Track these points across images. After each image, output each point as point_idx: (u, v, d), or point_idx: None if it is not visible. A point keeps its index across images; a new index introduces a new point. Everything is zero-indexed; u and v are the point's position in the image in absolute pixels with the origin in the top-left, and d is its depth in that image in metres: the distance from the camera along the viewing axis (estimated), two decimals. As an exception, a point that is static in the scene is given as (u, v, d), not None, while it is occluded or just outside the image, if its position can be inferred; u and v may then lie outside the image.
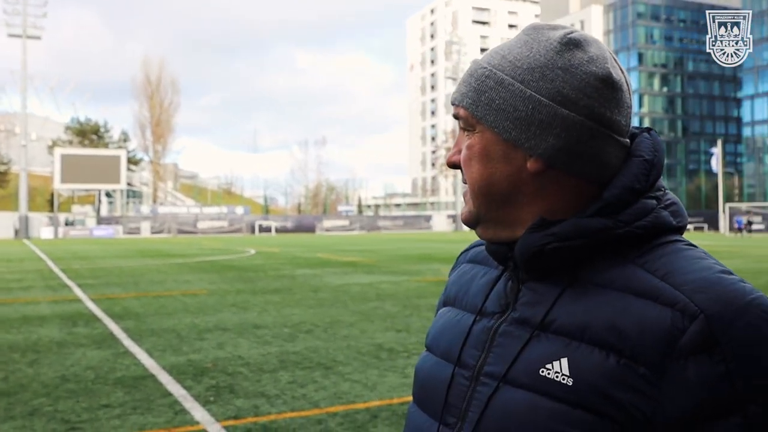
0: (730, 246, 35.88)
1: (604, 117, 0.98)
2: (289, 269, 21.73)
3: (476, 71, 1.03)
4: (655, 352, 0.87)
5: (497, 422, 0.96)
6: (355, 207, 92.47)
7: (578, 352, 0.93)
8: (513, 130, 0.98)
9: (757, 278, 17.27)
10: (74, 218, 68.49)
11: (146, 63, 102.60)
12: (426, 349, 1.20)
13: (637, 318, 0.90)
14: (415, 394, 1.16)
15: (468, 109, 1.02)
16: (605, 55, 1.00)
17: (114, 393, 6.51)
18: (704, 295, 0.88)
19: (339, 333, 9.70)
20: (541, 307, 0.99)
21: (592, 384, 0.90)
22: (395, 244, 40.94)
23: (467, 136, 1.04)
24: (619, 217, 0.97)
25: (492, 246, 1.08)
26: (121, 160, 73.13)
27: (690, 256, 0.95)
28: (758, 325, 0.86)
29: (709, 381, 0.85)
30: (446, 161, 1.09)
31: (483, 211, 1.04)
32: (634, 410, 0.87)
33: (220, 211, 74.34)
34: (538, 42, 1.00)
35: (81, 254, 32.19)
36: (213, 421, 5.65)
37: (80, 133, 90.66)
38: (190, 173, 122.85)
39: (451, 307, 1.19)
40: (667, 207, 1.01)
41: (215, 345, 8.87)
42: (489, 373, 1.00)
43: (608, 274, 0.96)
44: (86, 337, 9.52)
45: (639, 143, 1.03)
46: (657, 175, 1.01)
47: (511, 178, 1.00)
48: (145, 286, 16.77)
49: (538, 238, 0.98)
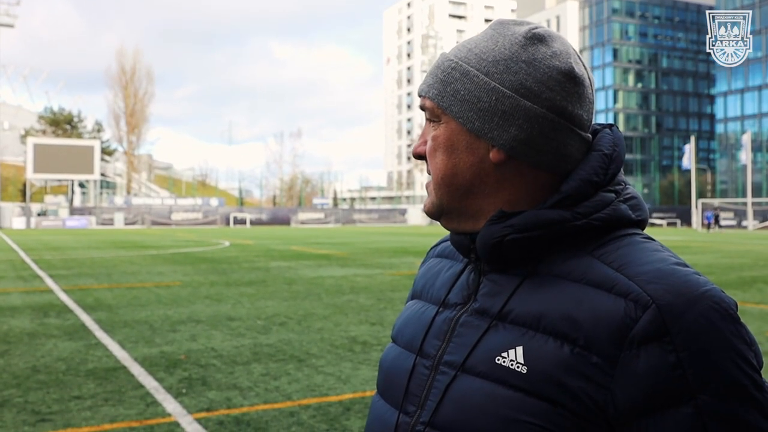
0: (702, 242, 36.31)
1: (566, 110, 1.00)
2: (264, 261, 21.67)
3: (443, 63, 1.05)
4: (607, 342, 0.89)
5: (454, 410, 0.98)
6: (331, 200, 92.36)
7: (533, 341, 0.94)
8: (477, 121, 1.00)
9: (727, 274, 17.51)
10: (47, 208, 67.69)
11: (121, 53, 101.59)
12: (391, 340, 1.21)
13: (592, 308, 0.91)
14: (379, 384, 1.18)
15: (434, 100, 1.04)
16: (569, 51, 1.02)
17: (85, 384, 6.48)
18: (657, 286, 0.89)
19: (313, 326, 9.71)
20: (500, 298, 1.01)
21: (545, 372, 0.91)
22: (370, 238, 40.96)
23: (433, 127, 1.06)
24: (577, 209, 0.98)
25: (455, 237, 1.10)
26: (94, 151, 72.38)
27: (646, 248, 0.97)
28: (709, 316, 0.87)
29: (659, 370, 0.86)
30: (412, 152, 1.10)
31: (446, 201, 1.06)
32: (587, 399, 0.89)
33: (194, 203, 73.83)
34: (503, 36, 1.02)
35: (53, 245, 31.85)
36: (185, 413, 5.64)
37: (53, 122, 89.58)
38: (165, 164, 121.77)
39: (417, 300, 1.21)
40: (626, 201, 1.03)
41: (188, 337, 8.84)
42: (448, 362, 1.02)
43: (566, 266, 0.98)
44: (58, 328, 9.44)
45: (600, 138, 1.05)
46: (616, 169, 1.03)
47: (474, 168, 1.02)
48: (118, 277, 16.65)
49: (497, 230, 1.00)
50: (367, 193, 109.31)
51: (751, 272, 17.96)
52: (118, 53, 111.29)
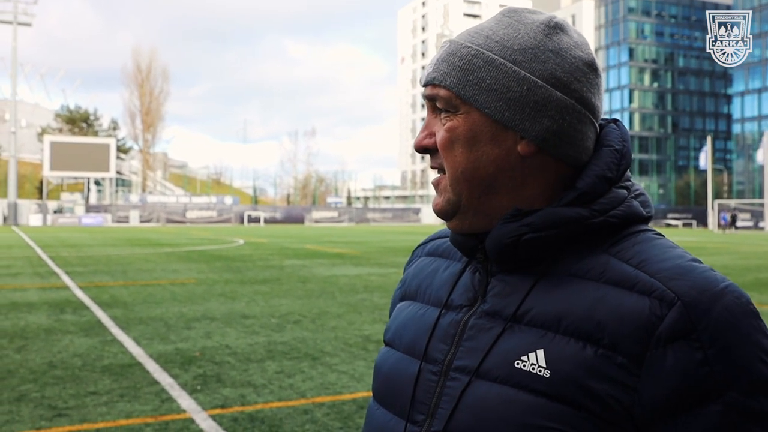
0: (718, 242, 36.07)
1: (590, 102, 0.99)
2: (278, 260, 21.72)
3: (459, 50, 0.99)
4: (633, 341, 0.87)
5: (471, 417, 0.94)
6: (345, 199, 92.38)
7: (554, 343, 0.91)
8: (506, 111, 0.96)
9: (744, 275, 17.38)
10: (63, 206, 68.15)
11: (137, 51, 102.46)
12: (385, 344, 1.15)
13: (614, 307, 0.89)
14: (377, 391, 1.11)
15: (452, 88, 0.98)
16: (586, 41, 1.01)
17: (101, 380, 6.53)
18: (680, 282, 0.88)
19: (327, 324, 9.73)
20: (514, 299, 0.97)
21: (569, 375, 0.88)
22: (384, 237, 40.96)
23: (446, 117, 1.00)
24: (593, 207, 0.96)
25: (459, 237, 1.05)
26: (110, 149, 72.79)
27: (661, 245, 0.96)
28: (733, 312, 0.86)
29: (687, 368, 0.84)
30: (415, 145, 1.04)
31: (465, 198, 1.00)
32: (612, 401, 0.87)
33: (209, 201, 74.07)
34: (523, 24, 0.99)
35: (69, 242, 32.07)
36: (200, 409, 5.67)
37: (70, 120, 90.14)
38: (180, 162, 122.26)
39: (411, 301, 1.15)
40: (636, 197, 1.01)
41: (203, 334, 8.88)
42: (459, 367, 0.98)
43: (582, 264, 0.95)
44: (74, 325, 9.51)
45: (607, 133, 1.03)
46: (626, 165, 1.01)
47: (499, 161, 0.98)
48: (133, 274, 16.75)
49: (513, 229, 0.97)
50: (381, 192, 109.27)
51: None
52: (134, 52, 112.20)
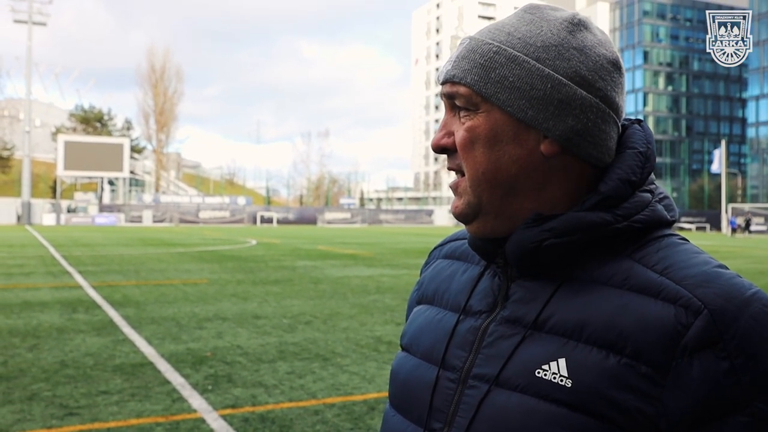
0: (731, 246, 35.84)
1: (614, 101, 0.96)
2: (290, 260, 21.74)
3: (479, 47, 0.96)
4: (658, 350, 0.84)
5: (490, 427, 0.91)
6: (357, 200, 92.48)
7: (576, 351, 0.88)
8: (529, 110, 0.93)
9: (757, 279, 17.24)
10: (76, 205, 68.58)
11: (151, 51, 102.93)
12: (402, 349, 1.13)
13: (638, 315, 0.86)
14: (393, 397, 1.09)
15: (473, 86, 0.94)
16: (610, 39, 0.99)
17: (112, 380, 6.54)
18: (706, 290, 0.85)
19: (338, 325, 9.72)
20: (535, 305, 0.95)
21: (591, 385, 0.86)
22: (396, 238, 40.94)
23: (466, 116, 0.96)
24: (617, 211, 0.93)
25: (478, 241, 1.02)
26: (124, 148, 73.19)
27: (687, 251, 0.93)
28: (761, 320, 0.83)
29: (714, 378, 0.82)
30: (433, 145, 1.00)
31: (485, 200, 0.97)
32: (636, 412, 0.84)
33: (222, 202, 74.34)
34: (546, 21, 0.96)
35: (83, 241, 32.24)
36: (210, 409, 5.67)
37: (84, 120, 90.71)
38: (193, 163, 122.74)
39: (428, 305, 1.13)
40: (660, 200, 0.98)
41: (214, 334, 8.89)
42: (478, 375, 0.95)
43: (605, 270, 0.93)
44: (86, 324, 9.54)
45: (631, 134, 1.00)
46: (651, 168, 0.98)
47: (521, 162, 0.94)
48: (145, 274, 16.80)
49: (534, 234, 0.94)
50: (394, 193, 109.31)
51: (783, 278, 17.69)
52: (149, 52, 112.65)
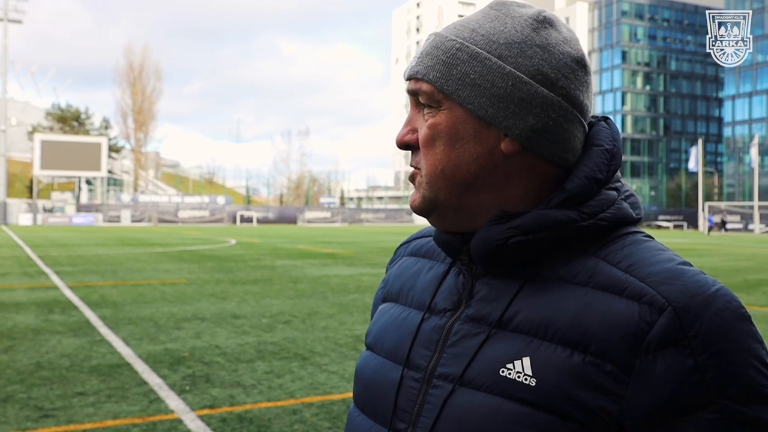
0: (708, 244, 36.19)
1: (578, 99, 0.95)
2: (270, 260, 21.67)
3: (443, 43, 0.95)
4: (622, 348, 0.84)
5: (454, 427, 0.90)
6: (338, 199, 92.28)
7: (541, 350, 0.88)
8: (490, 108, 0.92)
9: (733, 277, 17.43)
10: (53, 205, 67.90)
11: (129, 49, 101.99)
12: (366, 348, 1.12)
13: (603, 313, 0.86)
14: (358, 396, 1.08)
15: (435, 83, 0.94)
16: (576, 37, 0.98)
17: (89, 381, 6.48)
18: (670, 287, 0.85)
19: (317, 324, 9.70)
20: (499, 304, 0.94)
21: (556, 384, 0.85)
22: (376, 237, 40.93)
23: (429, 113, 0.96)
24: (583, 209, 0.93)
25: (443, 237, 1.01)
26: (102, 148, 72.53)
27: (651, 248, 0.92)
28: (724, 317, 0.83)
29: (678, 376, 0.82)
30: (397, 141, 0.99)
31: (443, 197, 0.96)
32: (600, 411, 0.84)
33: (201, 201, 73.90)
34: (511, 18, 0.95)
35: (60, 241, 31.93)
36: (188, 410, 5.64)
37: (61, 119, 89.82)
38: (172, 162, 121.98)
39: (393, 303, 1.11)
40: (626, 198, 0.98)
41: (193, 334, 8.84)
42: (443, 374, 0.94)
43: (569, 268, 0.92)
44: (62, 325, 9.45)
45: (597, 132, 0.99)
46: (617, 166, 0.98)
47: (481, 160, 0.94)
48: (123, 274, 16.67)
49: (500, 232, 0.93)
50: (374, 192, 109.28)
51: (757, 275, 17.90)
52: (127, 50, 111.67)
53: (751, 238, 49.19)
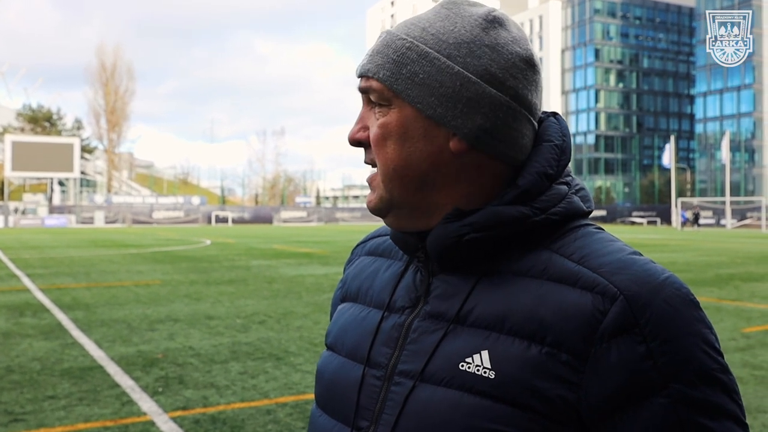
0: (681, 240, 36.58)
1: (526, 99, 0.96)
2: (245, 260, 21.58)
3: (394, 42, 0.96)
4: (577, 338, 0.86)
5: (416, 422, 0.92)
6: (313, 198, 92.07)
7: (498, 343, 0.89)
8: (438, 107, 0.93)
9: (705, 271, 17.64)
10: (25, 207, 67.02)
11: (101, 49, 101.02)
12: (327, 348, 1.13)
13: (557, 304, 0.88)
14: (320, 397, 1.09)
15: (385, 82, 0.95)
16: (525, 36, 0.98)
17: (60, 384, 6.41)
18: (622, 277, 0.87)
19: (292, 324, 9.68)
20: (456, 300, 0.96)
21: (514, 376, 0.87)
22: (352, 236, 40.88)
23: (379, 112, 0.97)
24: (535, 204, 0.95)
25: (399, 235, 1.02)
26: (74, 148, 71.74)
27: (602, 239, 0.95)
28: (673, 303, 0.86)
29: (631, 362, 0.84)
30: (349, 138, 1.00)
31: (397, 196, 0.97)
32: (558, 400, 0.85)
33: (176, 201, 73.37)
34: (461, 17, 0.96)
35: (31, 243, 31.55)
36: (161, 412, 5.60)
37: (32, 120, 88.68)
38: (146, 162, 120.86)
39: (352, 303, 1.12)
40: (577, 192, 1.00)
41: (166, 336, 8.78)
42: (403, 371, 0.95)
43: (524, 262, 0.94)
44: (33, 328, 9.35)
45: (547, 128, 1.01)
46: (567, 161, 1.00)
47: (431, 158, 0.95)
48: (96, 276, 16.51)
49: (455, 229, 0.94)
50: (350, 191, 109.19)
51: (728, 270, 18.12)
52: (98, 50, 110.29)
53: (723, 233, 49.80)
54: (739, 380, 6.57)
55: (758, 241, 35.35)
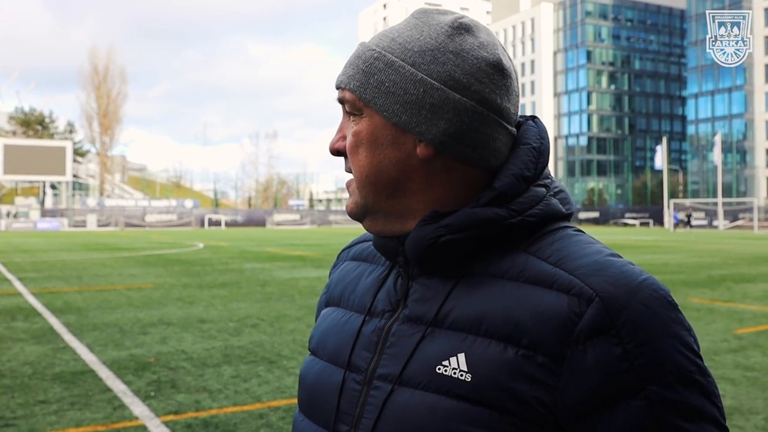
0: (673, 241, 36.69)
1: (494, 103, 0.96)
2: (238, 263, 21.55)
3: (364, 53, 0.99)
4: (553, 340, 0.86)
5: (394, 426, 0.92)
6: (307, 201, 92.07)
7: (475, 346, 0.90)
8: (403, 114, 0.95)
9: (697, 273, 17.70)
10: (18, 210, 66.76)
11: (93, 52, 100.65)
12: (310, 352, 1.13)
13: (533, 306, 0.88)
14: (302, 401, 1.10)
15: (355, 92, 0.97)
16: (495, 41, 0.98)
17: (51, 388, 6.39)
18: (598, 278, 0.87)
19: (285, 327, 9.66)
20: (434, 303, 0.96)
21: (491, 378, 0.87)
22: (345, 239, 40.85)
23: (353, 121, 0.99)
24: (511, 206, 0.95)
25: (380, 240, 1.04)
26: (66, 152, 71.56)
27: (580, 241, 0.95)
28: (651, 305, 0.86)
29: (607, 364, 0.84)
30: (329, 149, 1.03)
31: (371, 201, 1.00)
32: (535, 402, 0.86)
33: (168, 205, 73.22)
34: (428, 26, 0.97)
35: (23, 247, 31.44)
36: (153, 416, 5.58)
37: (24, 123, 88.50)
38: (139, 165, 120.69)
39: (335, 307, 1.14)
40: (555, 194, 1.00)
41: (158, 339, 8.75)
42: (382, 375, 0.96)
43: (501, 264, 0.95)
44: (25, 332, 9.31)
45: (525, 131, 1.01)
46: (545, 163, 1.00)
47: (401, 164, 0.97)
48: (88, 279, 16.45)
49: (431, 231, 0.95)
50: (344, 194, 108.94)
51: (720, 271, 18.17)
52: (91, 53, 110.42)
53: (715, 234, 49.97)
54: (732, 381, 6.58)
55: (750, 242, 35.49)
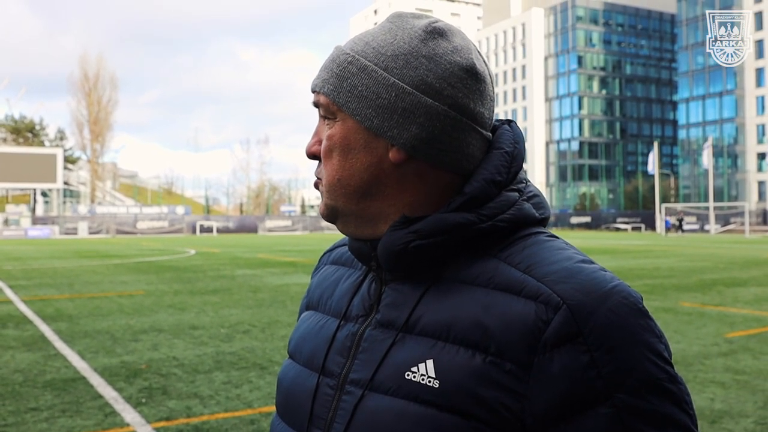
0: (665, 245, 36.80)
1: (468, 108, 0.96)
2: (229, 269, 21.51)
3: (338, 57, 0.99)
4: (520, 347, 0.86)
5: (364, 431, 0.93)
6: (298, 207, 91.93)
7: (444, 352, 0.90)
8: (375, 118, 0.95)
9: (689, 277, 17.76)
10: (8, 218, 66.51)
11: (84, 59, 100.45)
12: (288, 356, 1.14)
13: (501, 313, 0.88)
14: (279, 405, 1.10)
15: (329, 96, 0.98)
16: (469, 46, 0.98)
17: (42, 396, 6.37)
18: (566, 286, 0.87)
19: (277, 333, 9.65)
20: (405, 308, 0.96)
21: (459, 385, 0.87)
22: (338, 244, 40.84)
23: (328, 125, 1.00)
24: (481, 211, 0.95)
25: (354, 244, 1.04)
26: (57, 159, 71.33)
27: (551, 247, 0.94)
28: (619, 312, 0.85)
29: (574, 372, 0.83)
30: (306, 152, 1.03)
31: (341, 204, 1.00)
32: (502, 409, 0.85)
33: (160, 212, 73.05)
34: (402, 29, 0.97)
35: (14, 255, 31.30)
36: (144, 423, 5.57)
37: (15, 130, 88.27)
38: (130, 172, 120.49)
39: (314, 311, 1.14)
40: (529, 199, 0.99)
41: (150, 346, 8.74)
42: (354, 380, 0.96)
43: (472, 270, 0.94)
44: (16, 340, 9.27)
45: (500, 135, 1.01)
46: (518, 167, 1.00)
47: (372, 168, 0.97)
48: (79, 287, 16.40)
49: (400, 236, 0.95)
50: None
51: (712, 275, 18.24)
52: (81, 60, 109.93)
53: (706, 238, 50.16)
54: (722, 385, 6.61)
55: (742, 247, 35.64)
